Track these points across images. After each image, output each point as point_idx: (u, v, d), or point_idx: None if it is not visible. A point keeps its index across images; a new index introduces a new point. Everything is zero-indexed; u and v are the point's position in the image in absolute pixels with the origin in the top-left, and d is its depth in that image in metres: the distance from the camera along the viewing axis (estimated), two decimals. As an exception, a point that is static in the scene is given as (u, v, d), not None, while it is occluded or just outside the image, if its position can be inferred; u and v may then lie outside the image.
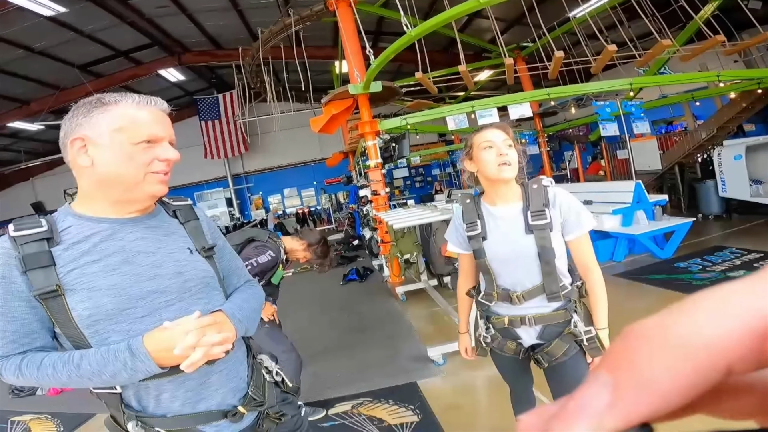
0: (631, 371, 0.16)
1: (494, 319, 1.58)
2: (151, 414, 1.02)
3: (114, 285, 0.95)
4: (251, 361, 1.22)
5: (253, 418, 1.18)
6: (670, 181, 8.97)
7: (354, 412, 2.88)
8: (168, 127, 1.03)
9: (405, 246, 5.21)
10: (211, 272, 1.12)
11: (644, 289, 4.48)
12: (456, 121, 5.73)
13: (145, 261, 1.00)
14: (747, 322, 0.15)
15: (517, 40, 10.30)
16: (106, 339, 0.95)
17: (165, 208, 1.14)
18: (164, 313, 0.99)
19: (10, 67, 9.01)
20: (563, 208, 1.45)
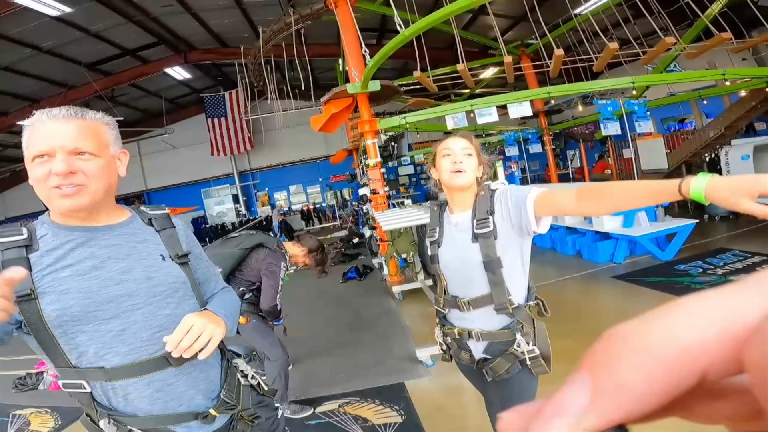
0: (608, 373, 0.16)
1: (447, 329, 1.59)
2: (122, 413, 1.06)
3: (83, 288, 1.00)
4: (225, 365, 1.26)
5: (225, 420, 1.21)
6: (677, 180, 8.82)
7: (340, 411, 2.91)
8: (62, 136, 0.98)
9: (401, 245, 5.21)
10: (183, 278, 1.15)
11: (642, 292, 4.42)
12: (455, 120, 5.70)
13: (114, 266, 1.05)
14: (722, 330, 0.15)
15: (523, 37, 10.20)
16: (74, 338, 1.00)
17: (141, 216, 1.18)
18: (131, 316, 1.04)
19: (19, 66, 9.19)
20: (502, 207, 1.40)
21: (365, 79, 5.27)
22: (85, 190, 1.01)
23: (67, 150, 0.98)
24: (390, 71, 12.75)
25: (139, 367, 1.04)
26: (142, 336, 1.05)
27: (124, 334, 1.04)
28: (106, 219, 1.10)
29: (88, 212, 1.06)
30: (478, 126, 6.76)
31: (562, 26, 8.05)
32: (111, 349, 1.03)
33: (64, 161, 0.97)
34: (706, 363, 0.15)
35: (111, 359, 1.03)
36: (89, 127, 1.03)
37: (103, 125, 1.08)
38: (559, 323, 3.80)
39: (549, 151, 10.10)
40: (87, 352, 1.02)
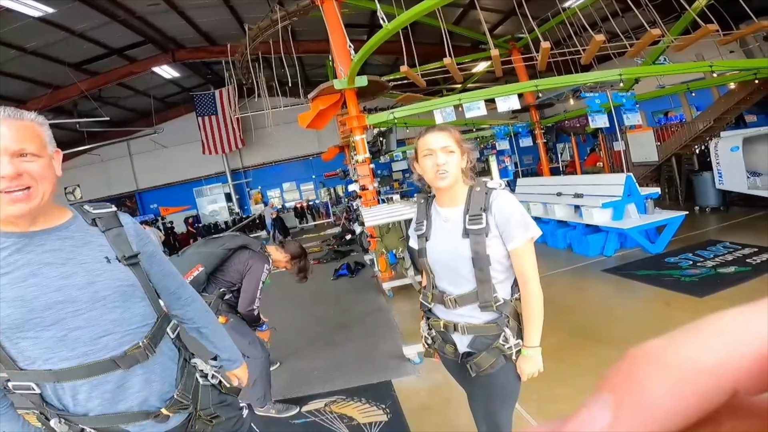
0: (632, 393, 0.16)
1: (432, 321, 1.58)
2: (73, 413, 1.06)
3: (19, 297, 0.98)
4: (182, 365, 1.24)
5: (181, 419, 1.20)
6: (668, 173, 8.86)
7: (326, 409, 2.88)
8: (4, 138, 0.95)
9: (390, 241, 5.17)
10: (131, 280, 1.12)
11: (631, 286, 4.43)
12: (444, 114, 5.66)
13: (52, 272, 1.02)
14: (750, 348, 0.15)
15: (514, 31, 10.17)
16: (17, 344, 1.00)
17: (84, 216, 1.14)
18: (73, 322, 1.02)
19: (4, 68, 9.06)
20: (497, 216, 1.40)
21: (351, 75, 5.23)
22: (33, 193, 0.98)
23: (11, 152, 0.96)
24: (382, 67, 12.68)
25: (87, 369, 1.03)
26: (85, 341, 1.04)
27: (66, 340, 1.02)
28: (43, 222, 1.07)
29: (32, 217, 1.03)
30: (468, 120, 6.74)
31: (551, 20, 8.02)
32: (55, 354, 1.02)
33: (11, 163, 0.95)
34: (735, 381, 0.15)
35: (57, 363, 1.02)
36: (28, 128, 1.00)
37: (38, 125, 1.04)
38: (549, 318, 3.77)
39: (540, 145, 10.09)
40: (32, 356, 1.01)
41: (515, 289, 1.49)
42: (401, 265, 5.32)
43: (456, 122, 6.05)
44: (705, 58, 7.41)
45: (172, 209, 16.56)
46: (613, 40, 6.90)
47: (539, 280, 1.43)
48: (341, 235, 10.03)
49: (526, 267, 1.41)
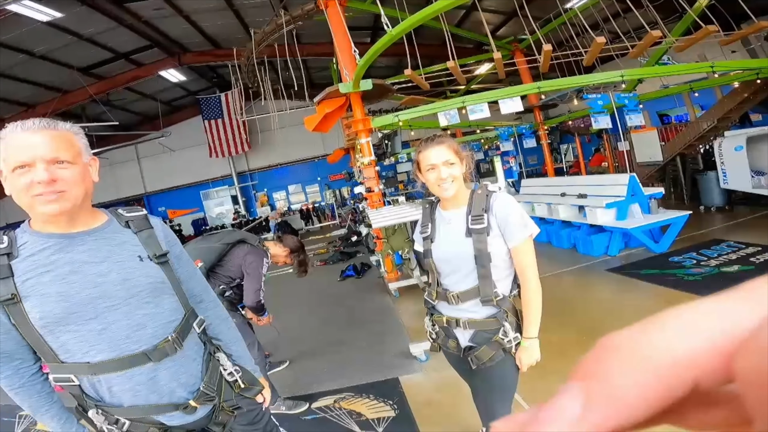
0: (601, 382, 0.16)
1: (436, 317, 1.67)
2: (109, 404, 1.14)
3: (61, 292, 1.06)
4: (207, 358, 1.31)
5: (207, 410, 1.27)
6: (672, 172, 8.86)
7: (335, 406, 2.95)
8: (40, 147, 1.04)
9: (396, 242, 5.23)
10: (161, 277, 1.21)
11: (636, 285, 4.46)
12: (448, 116, 5.72)
13: (91, 270, 1.10)
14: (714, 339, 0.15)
15: (516, 32, 10.21)
16: (59, 338, 1.07)
17: (118, 219, 1.23)
18: (110, 316, 1.10)
19: (13, 72, 9.19)
20: (498, 217, 1.50)
21: (356, 79, 5.30)
22: (66, 196, 1.07)
23: (47, 160, 1.04)
24: (385, 69, 12.76)
25: (121, 363, 1.11)
26: (121, 334, 1.11)
27: (105, 333, 1.10)
28: (83, 224, 1.15)
29: (69, 217, 1.11)
30: (472, 122, 6.79)
31: (553, 21, 8.06)
32: (93, 347, 1.09)
33: (46, 170, 1.03)
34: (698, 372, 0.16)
35: (95, 356, 1.09)
36: (63, 137, 1.09)
37: (74, 134, 1.13)
38: (554, 316, 3.84)
39: (545, 146, 10.12)
40: (72, 350, 1.08)
41: (514, 286, 1.58)
42: (407, 266, 5.38)
43: (460, 124, 6.10)
44: (708, 57, 7.43)
45: (180, 212, 16.71)
46: (615, 41, 6.94)
47: (538, 276, 1.53)
48: (347, 236, 10.10)
49: (526, 263, 1.51)
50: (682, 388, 0.16)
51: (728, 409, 0.17)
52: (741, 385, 0.15)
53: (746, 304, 0.16)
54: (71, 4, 7.48)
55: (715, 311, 0.16)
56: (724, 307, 0.16)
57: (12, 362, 1.10)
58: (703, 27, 5.28)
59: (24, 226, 1.13)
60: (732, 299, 0.16)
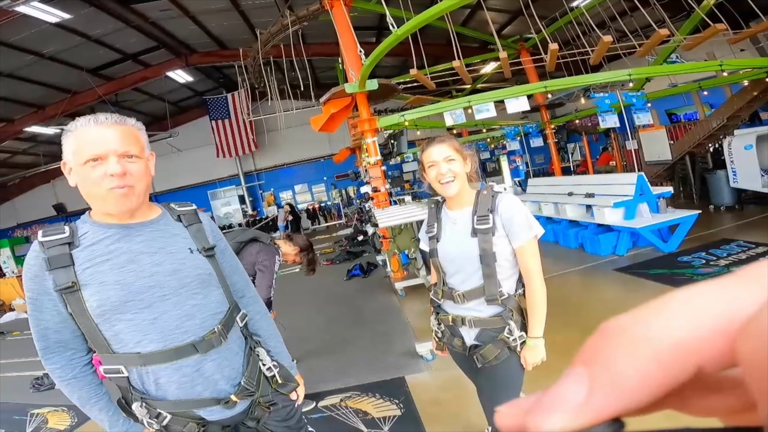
0: (604, 367, 0.16)
1: (441, 316, 1.68)
2: (153, 396, 1.16)
3: (119, 280, 1.10)
4: (248, 353, 1.33)
5: (245, 405, 1.29)
6: (682, 171, 8.77)
7: (342, 404, 2.96)
8: (113, 141, 1.09)
9: (403, 241, 5.25)
10: (209, 270, 1.25)
11: (644, 285, 4.42)
12: (453, 116, 5.71)
13: (147, 260, 1.15)
14: (716, 323, 0.15)
15: (522, 31, 10.15)
16: (113, 327, 1.11)
17: (171, 213, 1.29)
18: (162, 306, 1.14)
19: (22, 73, 9.31)
20: (503, 217, 1.51)
21: (362, 79, 5.31)
22: (133, 191, 1.12)
23: (119, 153, 1.09)
24: (391, 68, 12.75)
25: (169, 354, 1.14)
26: (172, 324, 1.15)
27: (157, 322, 1.13)
28: (141, 216, 1.20)
29: (131, 211, 1.17)
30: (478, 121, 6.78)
31: (559, 20, 8.01)
32: (145, 336, 1.12)
33: (119, 163, 1.08)
34: (700, 356, 0.15)
35: (146, 345, 1.12)
36: (131, 133, 1.14)
37: (138, 130, 1.18)
38: (560, 316, 3.82)
39: (552, 145, 10.06)
40: (125, 339, 1.11)
41: (519, 285, 1.58)
42: (413, 265, 5.39)
43: (466, 123, 6.09)
44: (716, 56, 7.34)
45: (187, 211, 16.79)
46: (623, 40, 6.88)
47: (542, 276, 1.53)
48: (353, 236, 10.11)
49: (530, 263, 1.52)
50: (685, 372, 0.16)
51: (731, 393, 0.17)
52: (744, 369, 0.15)
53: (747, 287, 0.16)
54: (79, 6, 7.55)
55: (716, 295, 0.16)
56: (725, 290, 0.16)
57: (66, 352, 1.14)
58: (712, 25, 5.23)
59: (84, 217, 1.17)
60: (733, 282, 0.16)
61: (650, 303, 0.17)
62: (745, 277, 0.16)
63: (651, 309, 0.17)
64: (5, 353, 6.23)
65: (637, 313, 0.17)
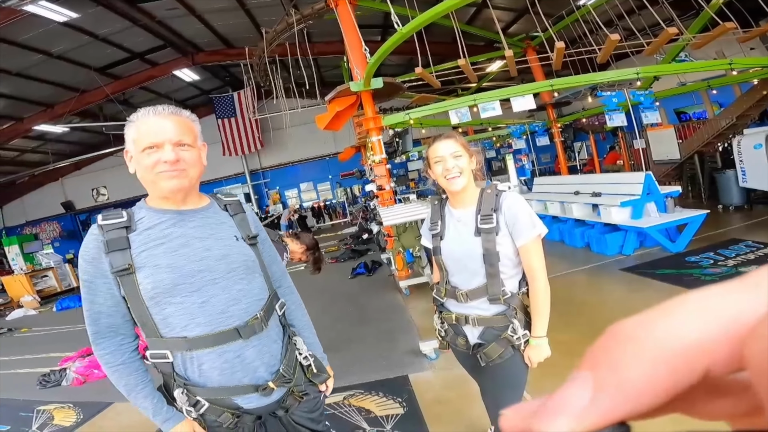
0: (610, 371, 0.16)
1: (444, 315, 1.67)
2: (195, 383, 1.19)
3: (172, 264, 1.15)
4: (286, 341, 1.35)
5: (281, 394, 1.30)
6: (690, 170, 8.68)
7: (345, 403, 2.96)
8: (169, 131, 1.16)
9: (407, 240, 5.24)
10: (253, 257, 1.30)
11: (650, 285, 4.37)
12: (459, 114, 5.69)
13: (198, 245, 1.20)
14: (723, 327, 0.15)
15: (528, 29, 10.09)
16: (164, 310, 1.14)
17: (218, 202, 1.35)
18: (210, 290, 1.18)
19: (31, 72, 9.39)
20: (507, 215, 1.50)
21: (367, 77, 5.30)
22: (185, 174, 1.19)
23: (173, 142, 1.16)
24: (396, 67, 12.73)
25: (215, 338, 1.17)
26: (219, 308, 1.19)
27: (205, 306, 1.17)
28: (192, 203, 1.27)
29: (184, 195, 1.23)
30: (483, 120, 6.75)
31: (566, 18, 7.95)
32: (193, 320, 1.16)
33: (173, 151, 1.15)
34: (708, 360, 0.15)
35: (193, 329, 1.16)
36: (185, 123, 1.21)
37: (192, 122, 1.24)
38: (565, 316, 3.80)
39: (558, 144, 10.00)
40: (173, 323, 1.15)
41: (523, 284, 1.58)
42: (418, 264, 5.38)
43: (471, 122, 6.07)
44: (726, 55, 7.25)
45: (192, 209, 16.90)
46: (630, 38, 6.82)
47: (546, 276, 1.52)
48: (358, 234, 10.12)
49: (534, 262, 1.50)
50: (692, 375, 0.16)
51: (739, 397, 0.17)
52: (752, 373, 0.15)
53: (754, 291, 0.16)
54: (86, 5, 7.60)
55: (723, 298, 0.16)
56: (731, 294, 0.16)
57: (116, 337, 1.17)
58: (721, 24, 5.16)
59: (140, 203, 1.24)
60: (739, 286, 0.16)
61: (657, 307, 0.17)
62: (751, 281, 0.16)
63: (657, 313, 0.16)
64: (13, 350, 6.25)
65: (644, 317, 0.17)
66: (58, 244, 16.23)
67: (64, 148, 14.47)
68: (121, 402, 3.63)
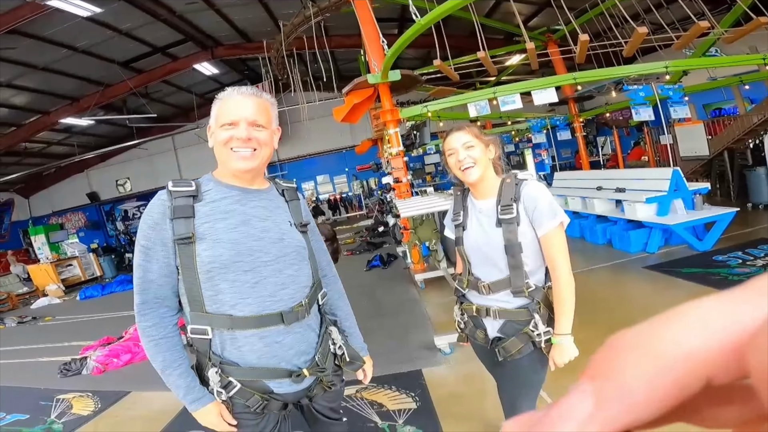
0: (613, 380, 0.16)
1: (465, 306, 1.64)
2: (230, 362, 1.18)
3: (232, 239, 1.16)
4: (323, 331, 1.35)
5: (311, 382, 1.29)
6: (719, 168, 8.37)
7: (357, 396, 2.94)
8: (246, 109, 1.19)
9: (424, 233, 5.18)
10: (304, 245, 1.31)
11: (675, 284, 4.23)
12: (478, 107, 5.59)
13: (257, 225, 1.22)
14: (726, 334, 0.15)
15: (549, 23, 9.85)
16: (216, 285, 1.14)
17: (276, 187, 1.37)
18: (263, 271, 1.19)
19: (57, 66, 9.61)
20: (526, 204, 1.44)
21: (385, 69, 5.25)
22: (256, 154, 1.22)
23: (248, 121, 1.19)
24: (413, 60, 12.62)
25: (259, 320, 1.17)
26: (268, 290, 1.19)
27: (257, 287, 1.18)
28: (258, 184, 1.30)
29: (253, 175, 1.26)
30: (503, 113, 6.62)
31: (589, 11, 7.72)
32: (243, 299, 1.16)
33: (246, 130, 1.19)
34: (711, 368, 0.15)
35: (242, 309, 1.16)
36: (263, 105, 1.24)
37: (270, 105, 1.27)
38: (585, 313, 3.68)
39: (579, 138, 9.76)
40: (223, 299, 1.15)
41: (548, 278, 1.51)
42: (434, 257, 5.32)
43: (490, 115, 5.96)
44: (759, 50, 6.93)
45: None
46: (658, 32, 6.59)
47: (570, 268, 1.44)
48: (374, 227, 10.12)
49: (556, 254, 1.43)
50: (695, 384, 0.15)
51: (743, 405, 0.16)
52: (755, 380, 0.15)
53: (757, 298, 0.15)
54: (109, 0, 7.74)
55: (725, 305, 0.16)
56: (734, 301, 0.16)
57: (160, 309, 1.17)
58: (754, 18, 4.93)
59: (208, 176, 1.26)
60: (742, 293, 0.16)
61: (658, 316, 0.17)
62: (754, 288, 0.16)
63: (659, 321, 0.16)
64: (37, 338, 6.38)
65: (645, 326, 0.17)
66: (83, 234, 16.71)
67: (89, 140, 14.83)
68: (138, 391, 3.69)
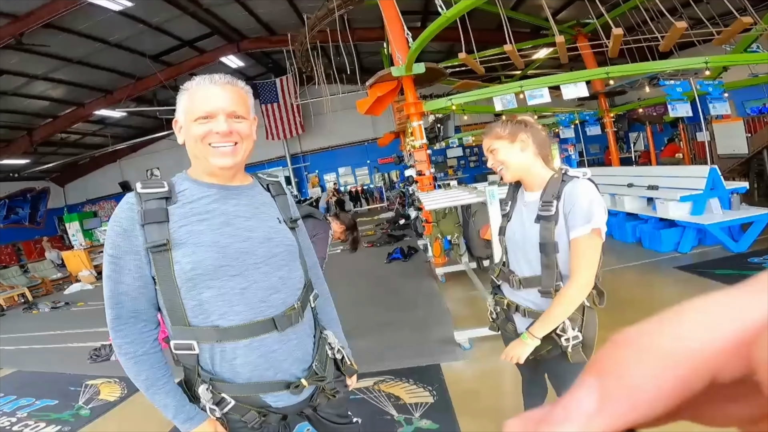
0: (617, 378, 0.16)
1: (498, 297, 1.63)
2: (222, 378, 1.07)
3: (215, 242, 1.05)
4: (317, 335, 1.25)
5: (310, 392, 1.21)
6: (758, 166, 7.97)
7: (375, 388, 2.94)
8: (224, 100, 1.06)
9: (446, 227, 5.13)
10: (295, 243, 1.21)
11: (707, 285, 4.04)
12: (504, 101, 5.47)
13: (242, 224, 1.10)
14: (731, 331, 0.15)
15: (579, 16, 9.53)
16: (200, 294, 1.03)
17: (261, 182, 1.26)
18: (252, 275, 1.08)
19: (92, 59, 9.93)
20: (565, 202, 1.37)
21: (409, 62, 5.19)
22: (238, 149, 1.10)
23: (227, 113, 1.07)
24: (437, 54, 12.46)
25: (249, 329, 1.06)
26: (258, 296, 1.09)
27: (246, 293, 1.07)
28: (239, 180, 1.18)
29: (234, 172, 1.14)
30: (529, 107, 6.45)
31: (623, 5, 7.42)
32: (231, 308, 1.05)
33: (226, 122, 1.06)
34: (715, 365, 0.15)
35: (230, 318, 1.05)
36: (240, 94, 1.11)
37: (247, 93, 1.15)
38: (611, 313, 3.55)
39: (610, 134, 9.44)
40: (209, 310, 1.04)
41: None
42: (455, 252, 5.27)
43: (517, 109, 5.82)
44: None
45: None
46: (696, 27, 6.28)
47: (588, 281, 1.34)
48: (395, 219, 10.09)
49: (579, 261, 1.33)
50: (700, 381, 0.16)
51: (749, 402, 0.16)
52: (761, 377, 0.15)
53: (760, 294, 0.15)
54: (139, -7, 7.92)
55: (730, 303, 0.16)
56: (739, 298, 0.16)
57: (138, 324, 1.05)
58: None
59: (182, 174, 1.14)
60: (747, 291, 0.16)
61: (662, 313, 0.17)
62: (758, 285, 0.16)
63: (663, 319, 0.16)
64: (69, 323, 6.56)
65: (649, 324, 0.17)
66: (114, 222, 17.31)
67: (122, 131, 15.32)
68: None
